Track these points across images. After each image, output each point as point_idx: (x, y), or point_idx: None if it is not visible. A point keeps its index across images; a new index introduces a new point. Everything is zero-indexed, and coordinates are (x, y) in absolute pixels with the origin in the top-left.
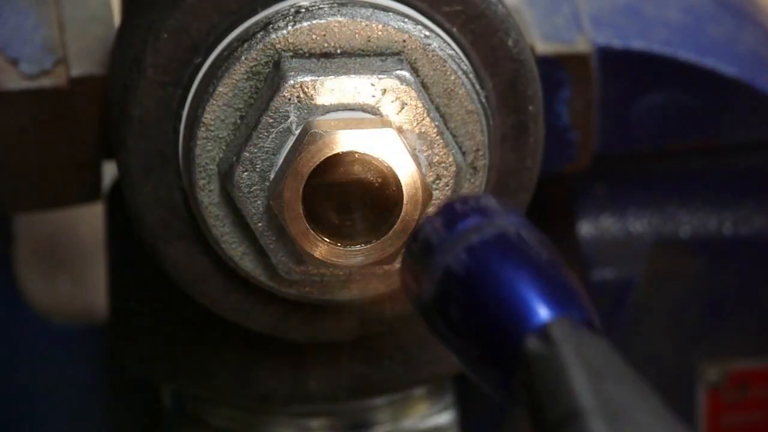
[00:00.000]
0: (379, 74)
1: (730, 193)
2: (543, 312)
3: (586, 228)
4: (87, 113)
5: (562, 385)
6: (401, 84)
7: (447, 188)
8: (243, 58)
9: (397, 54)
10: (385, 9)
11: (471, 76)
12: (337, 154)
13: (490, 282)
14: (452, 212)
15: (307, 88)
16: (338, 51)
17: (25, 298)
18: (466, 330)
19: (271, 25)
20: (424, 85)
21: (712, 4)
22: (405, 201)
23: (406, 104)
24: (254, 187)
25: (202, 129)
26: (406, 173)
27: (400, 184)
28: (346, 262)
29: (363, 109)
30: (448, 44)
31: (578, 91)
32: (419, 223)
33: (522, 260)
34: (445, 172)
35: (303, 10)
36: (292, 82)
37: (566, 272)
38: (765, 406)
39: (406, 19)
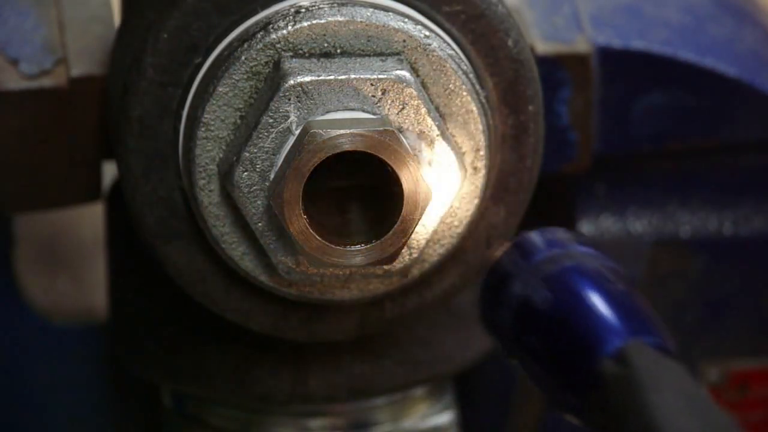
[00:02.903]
0: (379, 74)
1: (730, 193)
2: (619, 337)
3: (586, 228)
4: (87, 113)
5: (639, 406)
6: (401, 84)
7: (447, 188)
8: (243, 58)
9: (397, 54)
10: (385, 9)
11: (471, 76)
12: (337, 154)
13: (567, 309)
14: (528, 244)
15: (307, 88)
16: (338, 51)
17: (25, 298)
18: (543, 354)
19: (271, 25)
20: (424, 85)
21: (712, 4)
22: (405, 201)
23: (406, 104)
24: (254, 187)
25: (202, 129)
26: (406, 173)
27: (400, 184)
28: (346, 262)
29: (363, 109)
30: (448, 44)
31: (578, 91)
32: (496, 258)
33: (597, 288)
34: (445, 172)
35: (303, 10)
36: (292, 82)
37: (640, 299)
38: (765, 406)
39: (406, 19)
